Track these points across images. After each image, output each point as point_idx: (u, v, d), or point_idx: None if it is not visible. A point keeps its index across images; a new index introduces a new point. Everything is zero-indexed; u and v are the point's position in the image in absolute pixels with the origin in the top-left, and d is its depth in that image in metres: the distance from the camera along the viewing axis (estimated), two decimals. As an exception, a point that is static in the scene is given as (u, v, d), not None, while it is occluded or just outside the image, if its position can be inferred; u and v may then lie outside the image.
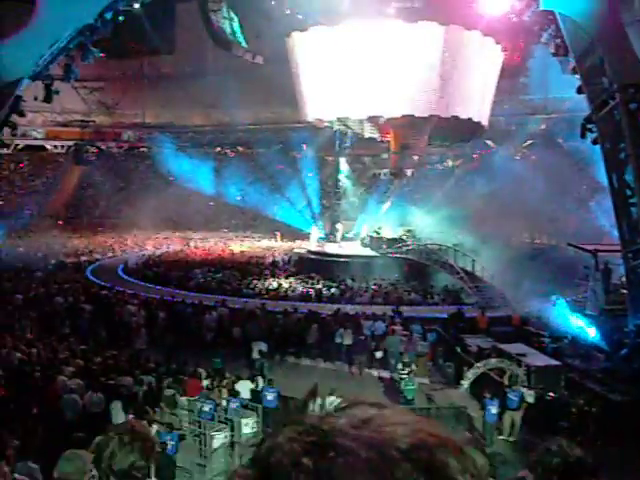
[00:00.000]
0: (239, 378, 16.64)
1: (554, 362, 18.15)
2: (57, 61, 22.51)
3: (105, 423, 12.80)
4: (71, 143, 67.91)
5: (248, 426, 13.72)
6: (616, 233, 19.68)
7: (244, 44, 32.93)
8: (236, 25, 31.61)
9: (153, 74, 64.03)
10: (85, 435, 12.18)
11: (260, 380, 16.85)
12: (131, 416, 13.18)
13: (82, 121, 68.77)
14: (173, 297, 28.22)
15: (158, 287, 31.85)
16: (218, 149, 67.36)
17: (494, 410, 15.43)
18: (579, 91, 20.19)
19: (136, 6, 23.89)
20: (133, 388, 15.11)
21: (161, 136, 65.39)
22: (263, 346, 20.31)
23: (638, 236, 18.29)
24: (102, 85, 66.11)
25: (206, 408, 14.25)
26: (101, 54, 24.10)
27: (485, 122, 36.64)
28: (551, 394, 16.14)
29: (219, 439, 13.07)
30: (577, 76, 20.04)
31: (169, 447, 11.77)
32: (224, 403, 14.85)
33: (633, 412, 14.49)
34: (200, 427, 13.45)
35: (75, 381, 14.89)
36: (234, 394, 15.57)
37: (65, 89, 24.85)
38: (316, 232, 46.14)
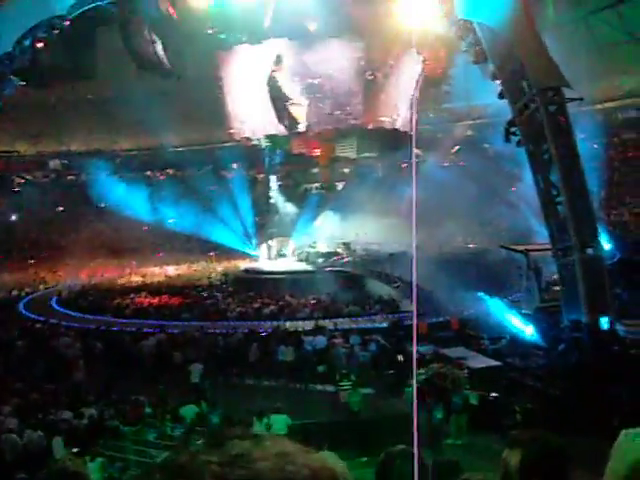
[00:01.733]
0: (183, 403, 16.40)
1: (494, 363, 18.44)
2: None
3: (47, 461, 12.46)
4: (-5, 175, 66.32)
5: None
6: (545, 232, 20.12)
7: (168, 65, 32.60)
8: (159, 47, 31.28)
9: (76, 100, 62.98)
10: (27, 476, 11.89)
11: (204, 403, 16.66)
12: (74, 450, 12.86)
13: (5, 152, 67.15)
14: (110, 326, 27.72)
15: (94, 317, 31.19)
16: (148, 173, 66.59)
17: (439, 415, 15.58)
18: (500, 96, 20.62)
19: (55, 32, 23.49)
20: (74, 422, 14.76)
21: (89, 163, 64.31)
22: (200, 368, 20.17)
23: (566, 234, 18.72)
24: (24, 114, 64.69)
25: (150, 436, 14.03)
26: (22, 82, 23.65)
27: (411, 131, 37.11)
28: (493, 394, 16.37)
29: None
30: (498, 82, 20.47)
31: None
32: (169, 429, 14.64)
33: (572, 406, 14.80)
34: (146, 456, 13.20)
35: (13, 420, 14.48)
36: (179, 419, 15.35)
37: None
38: (265, 251, 45.94)
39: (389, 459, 3.44)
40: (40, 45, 23.13)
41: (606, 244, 20.91)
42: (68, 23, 23.70)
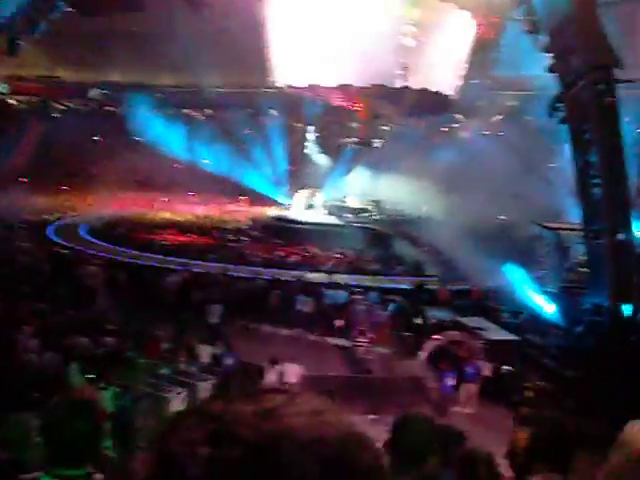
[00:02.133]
0: (199, 341, 16.62)
1: (512, 337, 18.44)
2: (22, 15, 21.99)
3: (63, 384, 12.72)
4: (35, 99, 66.60)
5: (206, 390, 13.74)
6: (578, 212, 19.92)
7: (216, 6, 32.41)
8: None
9: (121, 32, 62.80)
10: (42, 396, 12.14)
11: (220, 344, 16.88)
12: (89, 377, 13.11)
13: (47, 77, 67.32)
14: (135, 259, 28.01)
15: (121, 248, 31.51)
16: (187, 111, 66.50)
17: (451, 382, 15.68)
18: (550, 69, 20.25)
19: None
20: (92, 349, 15.01)
21: (129, 95, 64.37)
22: (220, 309, 20.35)
23: (599, 216, 18.53)
24: (69, 40, 64.66)
25: (165, 370, 14.26)
26: (68, 9, 23.59)
27: (456, 96, 36.62)
28: (507, 368, 16.41)
29: (177, 402, 13.07)
30: (549, 54, 20.09)
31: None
32: (183, 366, 14.86)
33: (585, 389, 14.80)
34: (159, 389, 13.43)
35: (34, 341, 14.76)
36: (194, 357, 15.58)
37: (30, 43, 24.33)
38: (295, 200, 45.73)
39: (402, 422, 3.48)
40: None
41: (638, 231, 20.68)
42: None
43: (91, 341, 15.32)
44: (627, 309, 17.52)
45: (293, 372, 14.79)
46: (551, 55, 19.94)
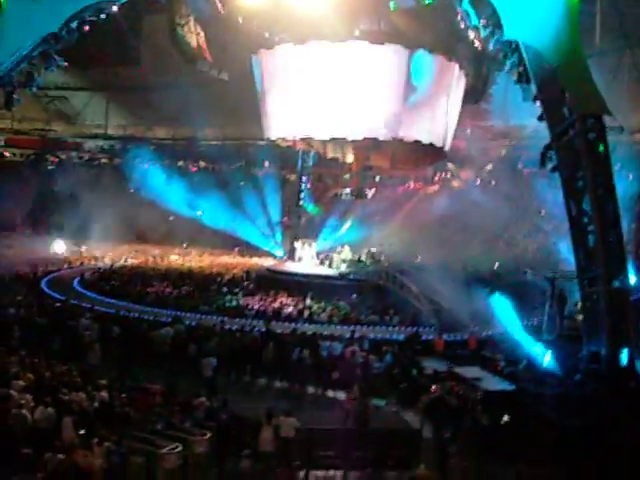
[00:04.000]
0: (193, 395, 16.41)
1: (509, 386, 18.27)
2: (20, 68, 22.28)
3: (55, 440, 12.51)
4: (31, 152, 67.13)
5: (202, 444, 13.52)
6: (572, 259, 19.91)
7: (210, 59, 32.80)
8: (202, 40, 31.48)
9: (117, 85, 63.58)
10: (33, 451, 11.96)
11: (214, 398, 16.66)
12: (82, 432, 12.92)
13: (43, 130, 68.00)
14: (129, 311, 27.88)
15: (114, 301, 31.38)
16: (181, 163, 66.96)
17: (448, 434, 15.47)
18: (540, 119, 20.45)
19: (102, 16, 23.71)
20: (85, 404, 14.81)
21: (123, 148, 64.94)
22: (214, 362, 20.18)
23: (594, 264, 18.53)
24: (64, 94, 65.42)
25: (159, 425, 14.05)
26: (65, 63, 23.88)
27: (447, 147, 36.88)
28: (505, 418, 16.20)
29: (171, 457, 12.84)
30: (538, 104, 20.32)
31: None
32: (177, 421, 14.64)
33: (584, 437, 14.62)
34: (152, 445, 13.19)
35: (25, 396, 14.57)
36: (188, 411, 15.36)
37: (26, 97, 24.62)
38: (308, 250, 45.19)
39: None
40: (87, 28, 23.38)
41: (633, 277, 20.67)
42: (116, 8, 23.93)
43: (85, 396, 15.14)
44: (624, 356, 17.44)
45: (289, 426, 14.59)
46: (541, 104, 20.16)
